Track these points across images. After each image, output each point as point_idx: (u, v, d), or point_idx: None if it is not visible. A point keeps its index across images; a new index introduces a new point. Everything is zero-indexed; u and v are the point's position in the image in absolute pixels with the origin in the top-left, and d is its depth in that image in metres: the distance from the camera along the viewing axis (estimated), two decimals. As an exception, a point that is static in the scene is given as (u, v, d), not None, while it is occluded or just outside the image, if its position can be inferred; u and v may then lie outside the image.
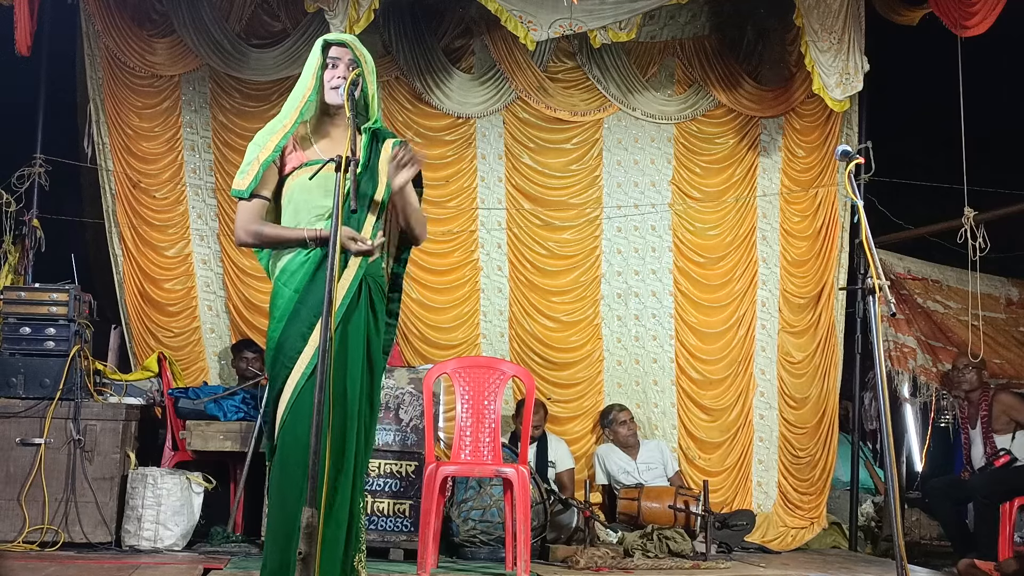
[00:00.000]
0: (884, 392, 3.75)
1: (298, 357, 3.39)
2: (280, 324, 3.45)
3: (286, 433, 3.37)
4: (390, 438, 5.40)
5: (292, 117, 3.56)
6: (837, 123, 6.86)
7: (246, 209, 3.53)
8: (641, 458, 6.52)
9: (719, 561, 5.70)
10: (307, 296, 3.43)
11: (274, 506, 3.41)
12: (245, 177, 3.52)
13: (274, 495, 3.42)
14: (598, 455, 6.62)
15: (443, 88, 6.74)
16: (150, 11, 6.65)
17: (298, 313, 3.43)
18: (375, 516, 5.35)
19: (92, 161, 6.68)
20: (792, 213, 6.99)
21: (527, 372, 5.92)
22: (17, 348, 5.49)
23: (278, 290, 3.51)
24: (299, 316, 3.43)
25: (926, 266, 7.21)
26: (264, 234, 3.52)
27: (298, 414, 3.35)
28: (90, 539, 5.32)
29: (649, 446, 6.60)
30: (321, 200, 3.49)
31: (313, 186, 3.48)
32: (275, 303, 3.51)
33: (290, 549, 3.26)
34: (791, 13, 6.36)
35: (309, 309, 3.41)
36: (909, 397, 7.59)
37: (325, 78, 3.53)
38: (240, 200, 3.56)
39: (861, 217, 3.82)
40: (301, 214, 3.51)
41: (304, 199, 3.52)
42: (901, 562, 3.64)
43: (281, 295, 3.49)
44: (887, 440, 3.78)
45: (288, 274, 3.49)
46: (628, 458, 6.52)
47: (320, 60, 3.52)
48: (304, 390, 3.36)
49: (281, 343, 3.44)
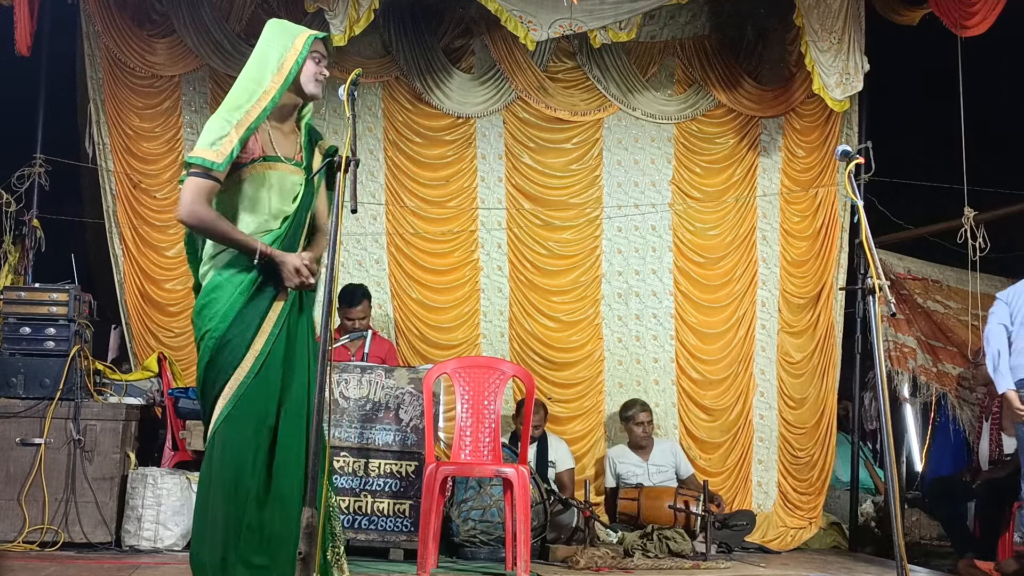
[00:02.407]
0: (884, 392, 3.75)
1: (242, 359, 3.30)
2: (224, 324, 3.30)
3: (229, 430, 3.28)
4: (390, 438, 5.40)
5: (271, 91, 3.37)
6: (837, 123, 6.86)
7: (202, 187, 3.27)
8: (652, 460, 6.50)
9: (719, 561, 5.70)
10: (255, 298, 3.34)
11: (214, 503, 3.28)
12: (219, 150, 3.26)
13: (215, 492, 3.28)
14: (609, 457, 6.61)
15: (443, 88, 6.74)
16: (150, 11, 6.65)
17: (243, 316, 3.32)
18: (375, 516, 5.35)
19: (92, 161, 6.68)
20: (792, 213, 6.99)
21: (527, 372, 5.91)
22: (17, 348, 5.49)
23: (219, 284, 3.33)
24: (244, 318, 3.33)
25: (926, 266, 7.20)
26: (215, 228, 3.29)
27: (242, 413, 3.29)
28: (90, 539, 5.32)
29: (662, 447, 6.57)
30: (278, 203, 3.41)
31: (273, 185, 3.40)
32: (215, 297, 3.32)
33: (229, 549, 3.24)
34: (791, 13, 6.36)
35: (254, 312, 3.34)
36: (909, 397, 7.59)
37: (308, 68, 3.45)
38: (198, 171, 3.27)
39: (861, 217, 3.82)
40: (258, 213, 3.39)
41: (263, 197, 3.39)
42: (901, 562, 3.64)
43: (224, 290, 3.32)
44: (887, 440, 3.79)
45: (235, 271, 3.33)
46: (639, 459, 6.51)
47: (304, 50, 3.43)
48: (249, 391, 3.29)
49: (226, 342, 3.30)
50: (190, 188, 3.27)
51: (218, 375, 3.31)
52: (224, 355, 3.31)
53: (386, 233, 6.84)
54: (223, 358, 3.31)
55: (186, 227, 3.36)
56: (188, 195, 3.26)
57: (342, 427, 5.35)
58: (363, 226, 6.79)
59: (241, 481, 3.27)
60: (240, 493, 3.27)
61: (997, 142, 6.85)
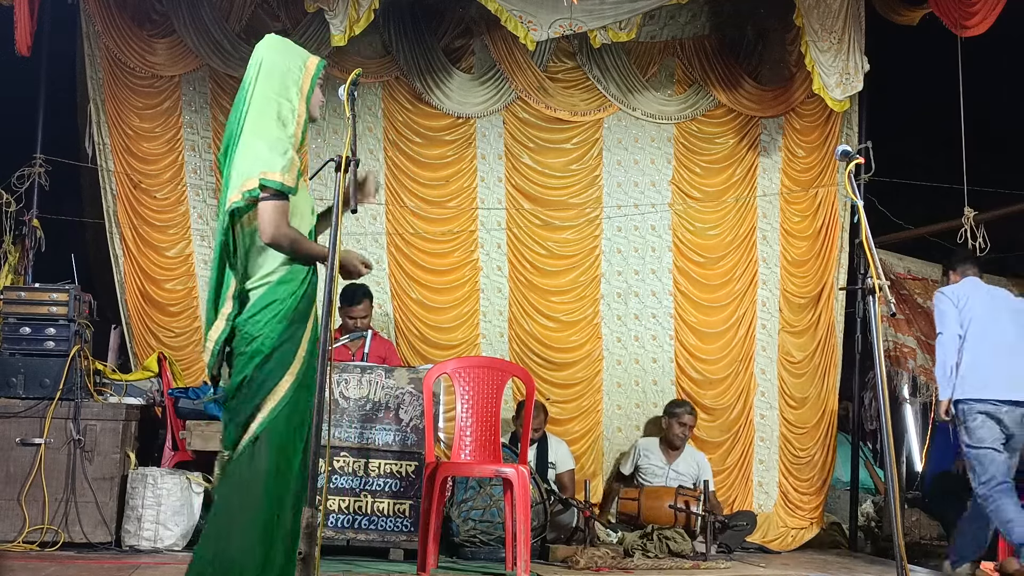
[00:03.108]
0: (884, 392, 3.75)
1: (290, 366, 3.39)
2: (280, 326, 3.38)
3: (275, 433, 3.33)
4: (390, 438, 5.40)
5: (303, 113, 3.52)
6: (837, 123, 6.86)
7: (282, 209, 3.36)
8: (676, 465, 6.47)
9: (719, 561, 5.70)
10: (303, 307, 3.45)
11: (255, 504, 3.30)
12: (291, 174, 3.37)
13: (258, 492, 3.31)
14: (638, 445, 6.58)
15: (443, 88, 6.74)
16: (150, 11, 6.65)
17: (294, 325, 3.42)
18: (375, 516, 5.35)
19: (92, 161, 6.68)
20: (792, 213, 6.99)
21: (527, 372, 5.91)
22: (17, 348, 5.48)
23: (275, 297, 3.41)
24: (295, 328, 3.42)
25: (926, 266, 7.20)
26: (298, 243, 3.42)
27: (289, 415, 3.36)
28: (90, 539, 5.31)
29: (691, 456, 6.53)
30: (308, 212, 3.57)
31: (304, 198, 3.53)
32: (274, 303, 3.41)
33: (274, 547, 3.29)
34: (791, 13, 6.36)
35: (301, 321, 3.44)
36: (909, 397, 7.59)
37: (317, 95, 3.58)
38: (273, 193, 3.35)
39: (861, 217, 3.83)
40: (301, 223, 3.49)
41: (302, 208, 3.51)
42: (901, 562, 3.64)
43: (282, 299, 3.41)
44: (887, 440, 3.79)
45: (289, 285, 3.43)
46: (663, 461, 6.47)
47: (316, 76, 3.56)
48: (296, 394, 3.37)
49: (278, 345, 3.38)
50: (272, 211, 3.35)
51: (266, 378, 3.37)
52: (274, 360, 3.38)
53: (386, 233, 6.84)
54: (273, 363, 3.38)
55: (274, 247, 3.40)
56: (274, 218, 3.35)
57: (342, 427, 5.35)
58: (363, 226, 6.79)
59: (287, 481, 3.34)
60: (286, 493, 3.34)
61: (997, 142, 6.85)
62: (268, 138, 3.41)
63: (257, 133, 3.43)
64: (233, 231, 3.45)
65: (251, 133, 3.43)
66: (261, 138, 3.41)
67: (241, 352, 3.40)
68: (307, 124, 3.55)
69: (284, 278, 3.43)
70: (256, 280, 3.44)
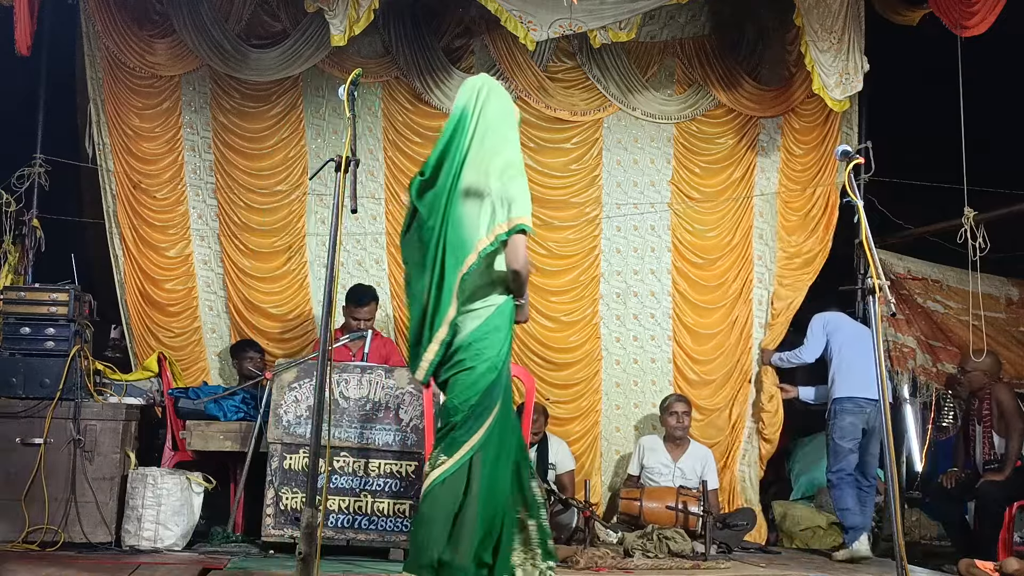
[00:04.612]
0: (884, 392, 3.75)
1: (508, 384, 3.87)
2: (503, 355, 3.85)
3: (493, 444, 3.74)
4: (390, 438, 5.40)
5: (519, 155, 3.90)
6: (836, 123, 6.85)
7: (525, 242, 3.80)
8: (682, 462, 6.44)
9: (719, 561, 5.70)
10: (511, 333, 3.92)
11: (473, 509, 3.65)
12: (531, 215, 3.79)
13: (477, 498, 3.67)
14: (640, 443, 6.57)
15: (443, 88, 6.74)
16: (150, 11, 6.66)
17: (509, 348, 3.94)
18: (375, 516, 5.35)
19: (92, 161, 6.68)
20: (790, 212, 6.98)
21: (527, 372, 5.91)
22: (17, 348, 5.48)
23: (499, 325, 3.84)
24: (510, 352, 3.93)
25: (926, 266, 7.20)
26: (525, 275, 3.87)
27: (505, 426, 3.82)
28: (90, 539, 5.31)
29: (696, 452, 6.50)
30: None
31: None
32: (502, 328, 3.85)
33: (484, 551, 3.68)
34: (791, 13, 6.35)
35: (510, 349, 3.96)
36: (909, 397, 7.59)
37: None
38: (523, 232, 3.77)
39: (861, 217, 3.83)
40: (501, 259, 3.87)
41: None
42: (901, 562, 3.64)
43: (502, 330, 3.87)
44: (887, 440, 3.79)
45: (507, 313, 3.89)
46: (669, 459, 6.45)
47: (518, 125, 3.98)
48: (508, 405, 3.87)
49: (504, 367, 3.85)
50: (522, 245, 3.79)
51: (495, 395, 3.79)
52: (501, 379, 3.83)
53: (386, 233, 6.84)
54: (501, 381, 3.83)
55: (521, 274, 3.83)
56: (523, 251, 3.79)
57: (342, 427, 5.35)
58: (363, 226, 6.80)
59: (501, 488, 3.76)
60: (500, 498, 3.75)
61: (997, 142, 6.84)
62: (521, 184, 3.79)
63: (497, 175, 3.77)
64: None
65: (488, 174, 3.78)
66: (504, 182, 3.76)
67: (470, 367, 3.77)
68: None
69: (504, 305, 3.86)
70: (482, 304, 3.81)
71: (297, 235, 6.79)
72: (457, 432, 3.73)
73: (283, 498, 5.28)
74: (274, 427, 5.34)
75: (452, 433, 3.74)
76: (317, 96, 6.83)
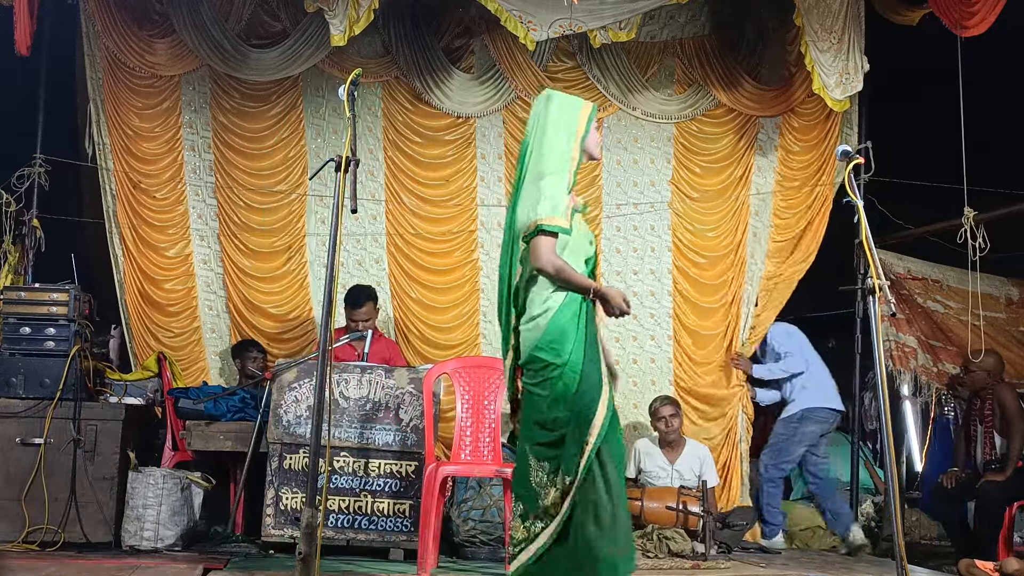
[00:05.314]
0: (884, 392, 3.75)
1: (602, 384, 3.80)
2: (581, 350, 3.78)
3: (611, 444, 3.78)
4: (390, 438, 5.40)
5: (576, 158, 3.92)
6: (836, 122, 6.84)
7: (554, 243, 3.79)
8: (679, 463, 6.41)
9: (719, 561, 5.70)
10: (589, 328, 3.83)
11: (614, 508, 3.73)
12: (565, 216, 3.80)
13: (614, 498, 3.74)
14: (635, 447, 6.54)
15: (443, 88, 6.74)
16: (150, 11, 6.65)
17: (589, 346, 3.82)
18: (375, 516, 5.35)
19: (92, 161, 6.68)
20: (784, 210, 6.97)
21: (527, 372, 5.90)
22: (17, 348, 5.48)
23: (565, 324, 3.78)
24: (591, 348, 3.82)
25: (926, 266, 7.20)
26: (564, 272, 3.78)
27: (615, 426, 3.83)
28: (90, 539, 5.31)
29: (692, 452, 6.46)
30: (584, 246, 3.93)
31: (581, 231, 3.92)
32: (564, 332, 3.78)
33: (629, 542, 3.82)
34: (791, 13, 6.35)
35: (592, 341, 3.83)
36: (910, 397, 7.59)
37: (593, 136, 4.01)
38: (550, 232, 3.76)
39: (861, 217, 3.83)
40: (575, 256, 3.86)
41: (577, 242, 3.88)
42: (901, 562, 3.64)
43: (569, 326, 3.79)
44: (887, 440, 3.79)
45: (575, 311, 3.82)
46: (665, 461, 6.41)
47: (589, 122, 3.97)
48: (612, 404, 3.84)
49: (587, 365, 3.79)
50: (546, 244, 3.79)
51: (589, 400, 3.77)
52: (587, 382, 3.78)
53: (386, 233, 6.84)
54: (587, 384, 3.78)
55: (544, 275, 3.81)
56: (546, 249, 3.78)
57: (342, 427, 5.35)
58: (363, 226, 6.80)
59: (624, 483, 3.82)
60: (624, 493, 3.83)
61: (997, 142, 6.84)
62: (550, 185, 3.83)
63: (536, 180, 3.88)
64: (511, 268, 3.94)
65: (531, 180, 3.90)
66: (539, 185, 3.85)
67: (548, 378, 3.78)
68: (579, 166, 3.97)
69: (567, 303, 3.81)
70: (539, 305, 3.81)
71: (297, 235, 6.79)
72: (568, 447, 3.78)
73: (283, 498, 5.28)
74: (274, 427, 5.34)
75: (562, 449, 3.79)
76: (317, 96, 6.83)
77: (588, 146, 4.01)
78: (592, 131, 4.01)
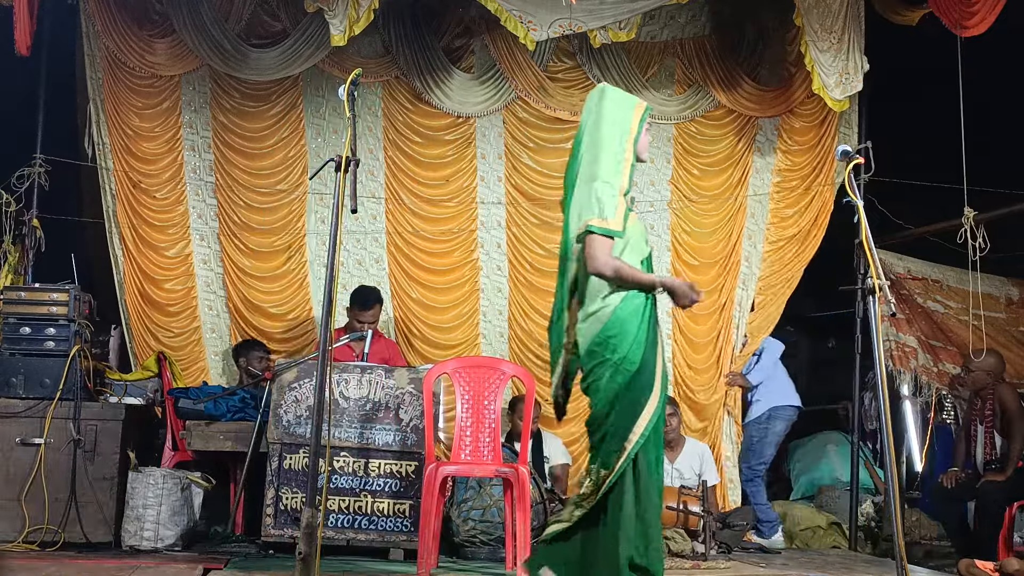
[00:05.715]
0: (884, 392, 3.75)
1: (655, 381, 3.77)
2: (640, 348, 3.75)
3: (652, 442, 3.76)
4: (390, 438, 5.40)
5: (630, 158, 3.87)
6: (834, 122, 6.84)
7: (609, 244, 3.78)
8: (678, 463, 6.42)
9: (719, 561, 5.70)
10: (651, 325, 3.81)
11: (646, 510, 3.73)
12: (618, 218, 3.78)
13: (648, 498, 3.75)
14: None
15: (443, 88, 6.74)
16: (150, 11, 6.65)
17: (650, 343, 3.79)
18: (375, 516, 5.35)
19: (92, 161, 6.68)
20: (781, 211, 6.97)
21: (527, 372, 5.90)
22: (17, 348, 5.48)
23: (624, 319, 3.76)
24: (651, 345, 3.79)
25: (926, 266, 7.20)
26: (623, 272, 3.76)
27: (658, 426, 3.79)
28: (90, 539, 5.31)
29: (692, 450, 6.48)
30: (642, 243, 3.91)
31: (637, 229, 3.90)
32: (624, 327, 3.75)
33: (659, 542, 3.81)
34: (791, 13, 6.35)
35: (653, 338, 3.81)
36: (910, 397, 7.59)
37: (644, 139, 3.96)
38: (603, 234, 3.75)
39: (861, 217, 3.84)
40: (632, 253, 3.84)
41: (633, 240, 3.86)
42: (901, 562, 3.65)
43: (630, 322, 3.77)
44: (887, 440, 3.79)
45: (634, 307, 3.79)
46: (665, 460, 6.43)
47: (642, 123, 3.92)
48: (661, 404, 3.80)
49: (643, 365, 3.75)
50: (600, 245, 3.78)
51: (639, 395, 3.75)
52: (642, 378, 3.76)
53: (386, 232, 6.84)
54: (641, 381, 3.76)
55: (597, 276, 3.78)
56: (601, 251, 3.77)
57: (342, 427, 5.35)
58: (363, 225, 6.80)
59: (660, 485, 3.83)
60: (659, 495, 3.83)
61: (997, 142, 6.84)
62: (604, 187, 3.81)
63: (589, 181, 3.85)
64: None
65: (584, 181, 3.88)
66: (592, 186, 3.83)
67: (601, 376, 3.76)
68: (634, 167, 3.91)
69: (628, 299, 3.78)
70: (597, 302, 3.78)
71: (297, 234, 6.79)
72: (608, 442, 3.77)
73: (283, 498, 5.28)
74: (274, 427, 5.33)
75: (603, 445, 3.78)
76: (317, 96, 6.84)
77: (638, 148, 3.96)
78: (644, 132, 3.96)
